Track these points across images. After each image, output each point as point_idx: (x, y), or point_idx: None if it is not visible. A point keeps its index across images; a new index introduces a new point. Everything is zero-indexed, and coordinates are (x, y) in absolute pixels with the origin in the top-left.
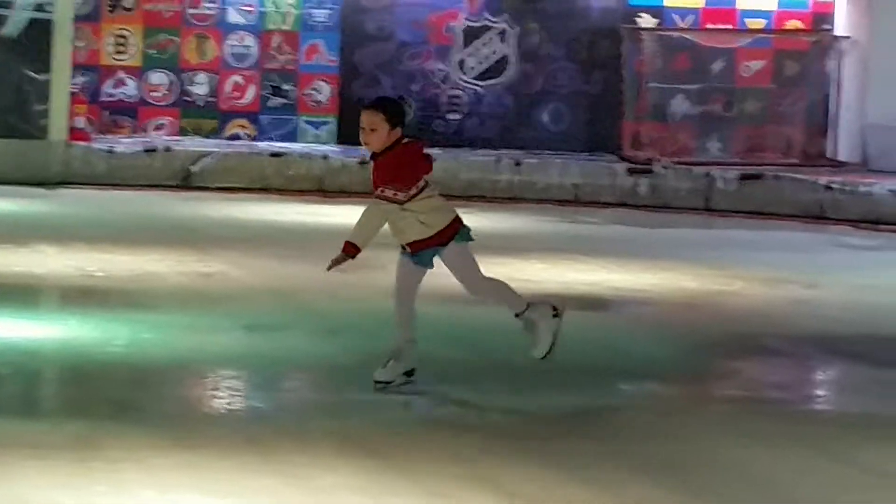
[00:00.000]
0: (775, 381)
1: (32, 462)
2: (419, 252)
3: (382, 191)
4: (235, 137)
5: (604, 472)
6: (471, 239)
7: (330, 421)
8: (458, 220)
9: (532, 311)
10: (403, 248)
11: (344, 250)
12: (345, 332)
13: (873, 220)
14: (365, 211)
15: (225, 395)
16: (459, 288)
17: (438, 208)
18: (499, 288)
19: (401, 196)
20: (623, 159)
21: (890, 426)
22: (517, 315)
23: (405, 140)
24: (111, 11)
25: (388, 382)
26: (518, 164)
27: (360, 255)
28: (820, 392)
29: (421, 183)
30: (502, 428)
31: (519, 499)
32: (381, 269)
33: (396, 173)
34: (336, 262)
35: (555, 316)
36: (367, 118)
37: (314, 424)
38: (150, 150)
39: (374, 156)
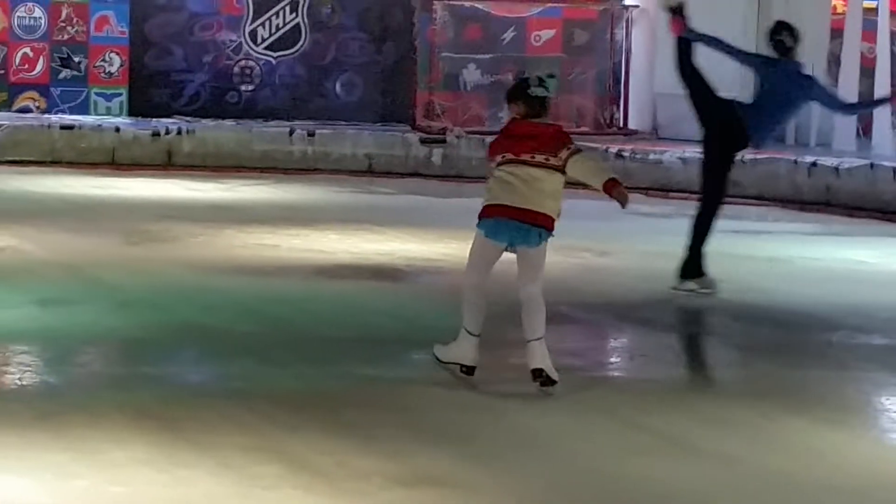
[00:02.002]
0: (568, 349)
1: None
2: None
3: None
4: (26, 110)
5: (394, 442)
6: (492, 238)
7: (121, 395)
8: (489, 208)
9: (463, 336)
10: None
11: None
12: (136, 305)
13: (663, 187)
14: None
15: (15, 371)
16: (250, 259)
17: (489, 187)
18: (466, 299)
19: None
20: (416, 129)
21: (678, 391)
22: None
23: (518, 117)
24: None
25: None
26: (311, 134)
27: (153, 229)
28: (612, 359)
29: (498, 158)
30: (293, 399)
31: (308, 469)
32: (172, 241)
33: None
34: None
35: (464, 371)
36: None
37: (105, 399)
38: None
39: None
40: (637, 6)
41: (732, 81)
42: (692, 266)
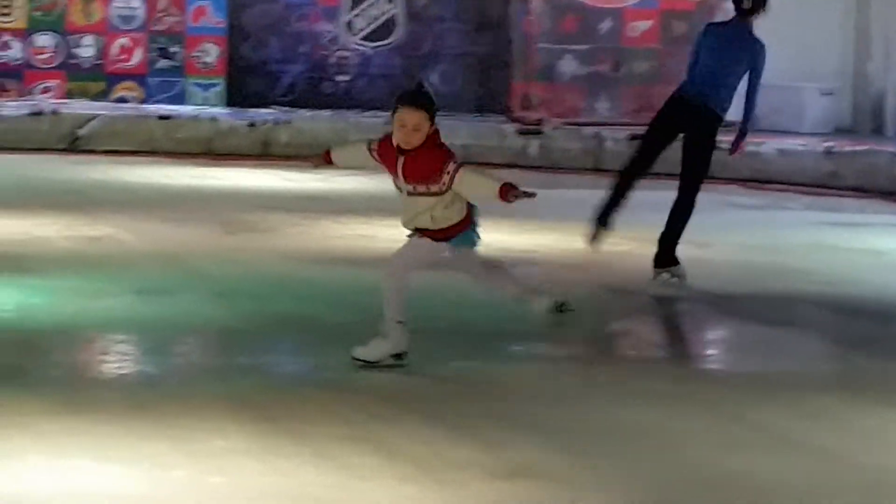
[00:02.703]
0: (665, 341)
1: None
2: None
3: (416, 187)
4: (123, 100)
5: (491, 433)
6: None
7: (219, 385)
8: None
9: (394, 327)
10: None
11: (323, 156)
12: (233, 295)
13: (761, 179)
14: (356, 142)
15: (114, 360)
16: (346, 250)
17: (463, 204)
18: (391, 291)
19: (438, 187)
20: (512, 120)
21: (778, 385)
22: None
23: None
24: None
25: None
26: None
27: (249, 219)
28: (709, 351)
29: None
30: (389, 389)
31: (405, 459)
32: (268, 231)
33: (432, 168)
34: (313, 163)
35: (398, 358)
36: (412, 118)
37: (203, 388)
38: (37, 114)
39: (401, 149)
40: None
41: None
42: (668, 254)
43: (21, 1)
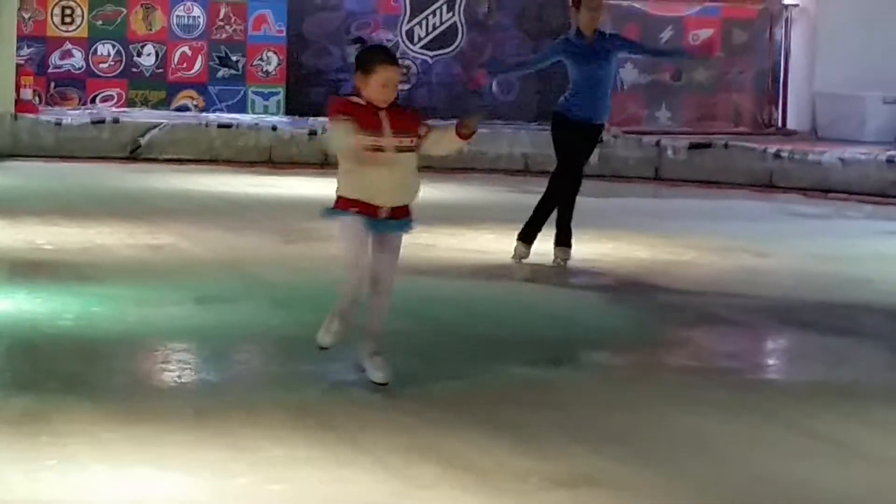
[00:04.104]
0: (726, 350)
1: None
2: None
3: (402, 140)
4: (184, 109)
5: (552, 441)
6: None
7: (280, 393)
8: None
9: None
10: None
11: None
12: (294, 303)
13: (822, 188)
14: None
15: (175, 368)
16: (406, 258)
17: None
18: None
19: (416, 140)
20: None
21: (839, 394)
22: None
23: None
24: None
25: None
26: None
27: (309, 228)
28: (771, 360)
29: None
30: (450, 398)
31: (465, 469)
32: (328, 240)
33: (411, 117)
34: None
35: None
36: (397, 74)
37: (264, 396)
38: (98, 122)
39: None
40: (797, 5)
41: None
42: (530, 231)
43: (83, 10)
